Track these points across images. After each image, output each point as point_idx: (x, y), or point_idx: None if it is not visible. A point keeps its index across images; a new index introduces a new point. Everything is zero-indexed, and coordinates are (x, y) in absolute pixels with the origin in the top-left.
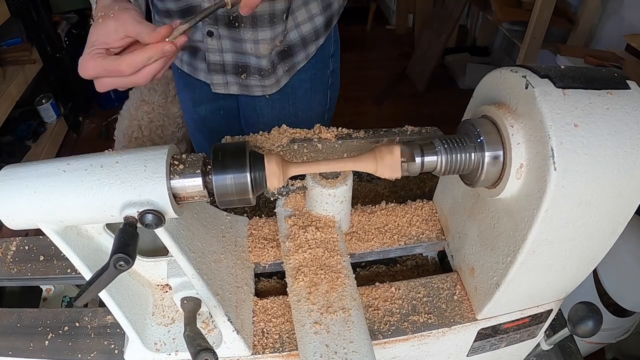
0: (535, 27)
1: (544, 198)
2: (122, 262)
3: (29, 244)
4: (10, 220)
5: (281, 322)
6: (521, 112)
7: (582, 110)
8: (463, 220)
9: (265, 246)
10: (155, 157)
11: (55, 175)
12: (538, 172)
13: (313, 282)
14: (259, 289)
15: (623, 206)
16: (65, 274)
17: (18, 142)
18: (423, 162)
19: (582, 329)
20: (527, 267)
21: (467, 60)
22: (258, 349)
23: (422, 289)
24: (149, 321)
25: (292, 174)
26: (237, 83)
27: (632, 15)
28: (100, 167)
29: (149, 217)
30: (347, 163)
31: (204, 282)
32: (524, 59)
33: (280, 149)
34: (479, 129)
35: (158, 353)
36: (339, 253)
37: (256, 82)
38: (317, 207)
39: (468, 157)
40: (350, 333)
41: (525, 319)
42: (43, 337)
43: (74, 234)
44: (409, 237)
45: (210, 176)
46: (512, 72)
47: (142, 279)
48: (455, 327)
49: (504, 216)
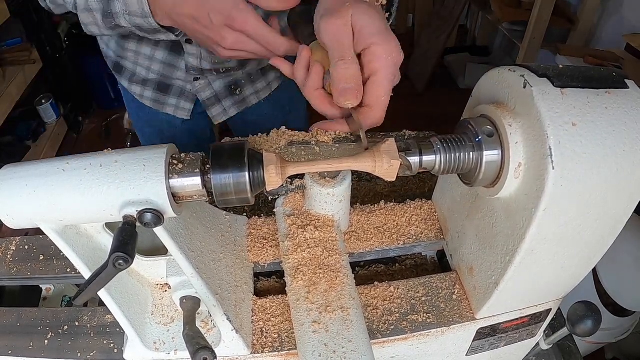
0: (535, 27)
1: (543, 197)
2: (121, 261)
3: (28, 244)
4: (10, 219)
5: (280, 322)
6: (519, 112)
7: (581, 109)
8: (462, 219)
9: (264, 245)
10: (154, 156)
11: (54, 174)
12: (536, 171)
13: (312, 281)
14: (258, 288)
15: (622, 205)
16: (65, 274)
17: (18, 142)
18: (421, 161)
19: (581, 328)
20: (525, 266)
21: (467, 60)
22: (257, 348)
23: (421, 289)
24: (148, 320)
25: (290, 173)
26: (234, 104)
27: (632, 15)
28: (100, 167)
29: (148, 217)
30: (345, 162)
31: (203, 282)
32: (524, 59)
33: (279, 151)
34: (477, 129)
35: (157, 352)
36: (338, 252)
37: (251, 90)
38: (316, 207)
39: (466, 156)
40: (349, 332)
41: (525, 319)
42: (43, 336)
43: (73, 233)
44: (408, 237)
45: (209, 175)
46: (511, 71)
47: (141, 278)
48: (454, 326)
49: (503, 215)
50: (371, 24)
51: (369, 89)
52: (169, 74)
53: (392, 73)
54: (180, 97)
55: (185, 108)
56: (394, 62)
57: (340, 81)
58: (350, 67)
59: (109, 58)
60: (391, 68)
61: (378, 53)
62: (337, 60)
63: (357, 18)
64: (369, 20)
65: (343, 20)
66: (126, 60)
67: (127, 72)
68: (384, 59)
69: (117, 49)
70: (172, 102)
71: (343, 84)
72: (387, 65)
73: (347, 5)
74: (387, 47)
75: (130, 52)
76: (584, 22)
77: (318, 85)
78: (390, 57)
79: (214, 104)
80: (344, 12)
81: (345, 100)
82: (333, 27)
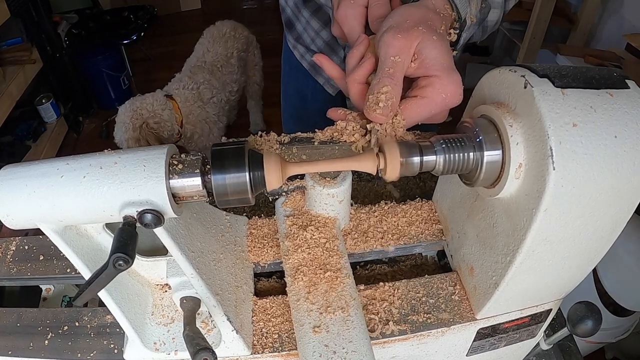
0: (535, 26)
1: (543, 198)
2: (121, 262)
3: (28, 244)
4: (10, 219)
5: (280, 322)
6: (520, 112)
7: (581, 109)
8: (462, 219)
9: (264, 246)
10: (154, 156)
11: (54, 175)
12: (537, 171)
13: (312, 281)
14: (259, 288)
15: (622, 205)
16: (65, 274)
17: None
18: (422, 161)
19: (582, 328)
20: (526, 266)
21: (467, 60)
22: (257, 349)
23: (421, 289)
24: (148, 321)
25: (291, 173)
26: None
27: (632, 15)
28: (100, 167)
29: (148, 217)
30: (346, 162)
31: (203, 282)
32: (524, 59)
33: (280, 150)
34: (477, 129)
35: (157, 352)
36: (338, 253)
37: None
38: (317, 207)
39: (467, 156)
40: (350, 333)
41: (525, 319)
42: (43, 336)
43: (73, 234)
44: (409, 237)
45: (209, 176)
46: (511, 71)
47: (141, 278)
48: (455, 326)
49: (503, 216)
50: (439, 57)
51: (406, 105)
52: (328, 54)
53: (439, 108)
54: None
55: (334, 86)
56: (445, 101)
57: (379, 94)
58: (394, 88)
59: (284, 12)
60: (441, 104)
61: (437, 84)
62: (385, 76)
63: (425, 46)
64: (437, 53)
65: (408, 42)
66: (298, 22)
67: (295, 32)
68: (438, 91)
69: (294, 9)
70: (325, 76)
71: (381, 99)
72: (438, 99)
73: (420, 29)
74: (448, 84)
75: (302, 18)
76: (584, 22)
77: (362, 79)
78: (445, 95)
79: None
80: (413, 35)
81: (375, 116)
82: (396, 44)
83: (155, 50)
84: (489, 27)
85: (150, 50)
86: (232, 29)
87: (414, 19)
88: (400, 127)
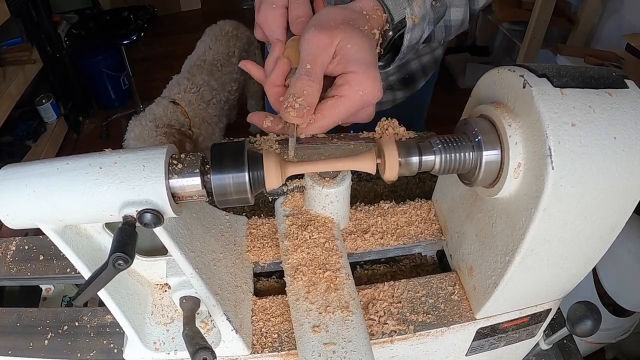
0: (535, 27)
1: (542, 197)
2: (121, 261)
3: (28, 244)
4: (10, 219)
5: (280, 322)
6: (519, 112)
7: (580, 109)
8: (461, 219)
9: (264, 245)
10: (154, 156)
11: (54, 174)
12: (536, 171)
13: (312, 281)
14: (258, 288)
15: (621, 205)
16: (65, 274)
17: (18, 142)
18: (421, 161)
19: (581, 328)
20: (525, 266)
21: (467, 60)
22: (257, 348)
23: (420, 289)
24: (148, 320)
25: (290, 173)
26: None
27: (632, 15)
28: (99, 167)
29: (148, 217)
30: (345, 162)
31: (202, 282)
32: (524, 59)
33: (279, 150)
34: (476, 128)
35: (157, 352)
36: (337, 252)
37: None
38: (316, 207)
39: (466, 156)
40: (349, 332)
41: (524, 319)
42: (42, 336)
43: (73, 234)
44: (408, 237)
45: (209, 175)
46: (510, 71)
47: (141, 278)
48: (454, 326)
49: (502, 215)
50: (358, 52)
51: (323, 106)
52: None
53: (357, 105)
54: None
55: None
56: (363, 98)
57: (295, 95)
58: (312, 86)
59: None
60: (358, 101)
61: (353, 81)
62: (304, 74)
63: (346, 43)
64: (357, 49)
65: (330, 40)
66: None
67: None
68: (355, 89)
69: None
70: None
71: (297, 100)
72: (355, 97)
73: (342, 28)
74: (364, 80)
75: None
76: (584, 22)
77: (279, 82)
78: (362, 92)
79: None
80: (335, 33)
81: (291, 118)
82: (316, 42)
83: (155, 50)
84: (454, 26)
85: (150, 50)
86: (234, 28)
87: (337, 19)
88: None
